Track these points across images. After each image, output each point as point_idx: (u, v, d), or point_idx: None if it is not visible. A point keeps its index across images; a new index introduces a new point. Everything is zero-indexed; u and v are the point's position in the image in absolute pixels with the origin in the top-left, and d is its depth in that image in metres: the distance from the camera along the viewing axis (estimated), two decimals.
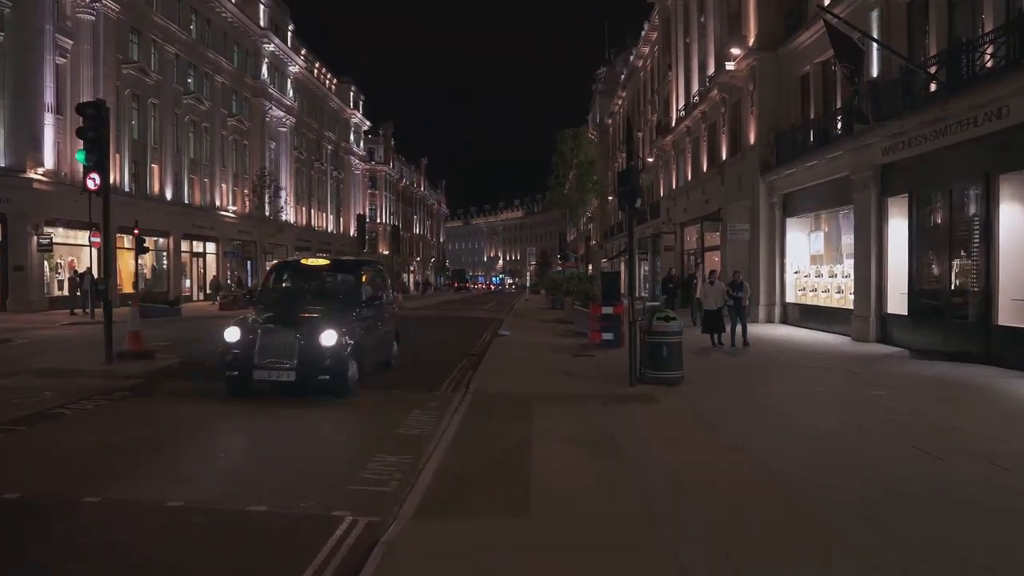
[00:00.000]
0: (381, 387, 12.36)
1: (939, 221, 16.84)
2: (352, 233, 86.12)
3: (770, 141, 26.07)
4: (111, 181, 37.85)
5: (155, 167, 45.15)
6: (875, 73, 18.92)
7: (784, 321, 25.57)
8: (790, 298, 25.66)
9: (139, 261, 44.14)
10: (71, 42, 36.76)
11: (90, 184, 13.76)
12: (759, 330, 23.48)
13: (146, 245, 35.11)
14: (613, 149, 71.36)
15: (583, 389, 12.23)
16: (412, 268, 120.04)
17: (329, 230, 79.48)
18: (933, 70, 16.25)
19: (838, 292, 22.26)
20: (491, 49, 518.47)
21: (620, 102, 70.92)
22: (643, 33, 55.16)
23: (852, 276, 21.03)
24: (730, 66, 28.27)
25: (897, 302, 18.40)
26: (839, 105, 22.01)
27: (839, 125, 21.62)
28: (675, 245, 41.06)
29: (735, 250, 29.94)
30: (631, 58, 62.43)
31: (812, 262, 24.99)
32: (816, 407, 10.66)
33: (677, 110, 40.73)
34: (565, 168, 38.73)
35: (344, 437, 9.53)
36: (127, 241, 41.43)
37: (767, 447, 8.10)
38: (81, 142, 14.78)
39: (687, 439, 8.65)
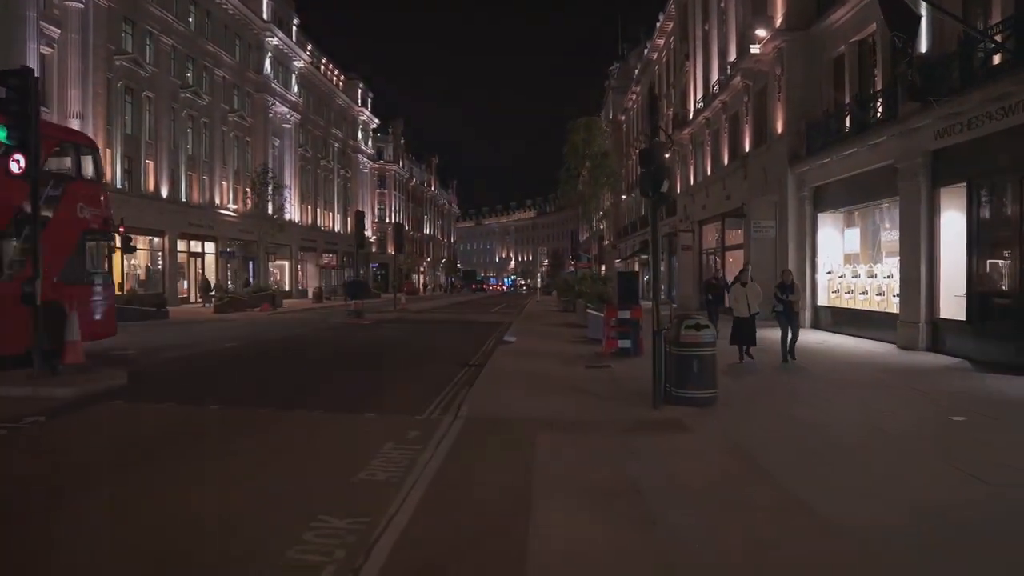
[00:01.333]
0: (356, 410, 10.39)
1: (1008, 213, 14.68)
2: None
3: (800, 130, 23.95)
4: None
5: (150, 163, 43.35)
6: (924, 48, 16.76)
7: (815, 326, 23.44)
8: (822, 300, 23.53)
9: (132, 261, 42.57)
10: (58, 31, 34.94)
11: (13, 167, 11.67)
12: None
13: (133, 244, 33.18)
14: (627, 146, 69.37)
15: (598, 413, 10.21)
16: (422, 269, 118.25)
17: (336, 230, 77.67)
18: (999, 39, 14.11)
19: (878, 294, 20.13)
20: (501, 49, 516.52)
21: (634, 97, 68.82)
22: (658, 24, 53.07)
23: (895, 276, 18.95)
24: (755, 49, 26.15)
25: (952, 306, 16.27)
26: (880, 87, 19.89)
27: (879, 109, 19.49)
28: (693, 244, 38.94)
29: (760, 249, 27.85)
30: (645, 51, 60.39)
31: (846, 261, 22.87)
32: (895, 445, 8.41)
33: (695, 102, 38.62)
34: (577, 160, 36.50)
35: (284, 487, 6.86)
36: (117, 241, 39.63)
37: (853, 511, 5.98)
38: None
39: (735, 493, 6.52)
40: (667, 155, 35.52)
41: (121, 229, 31.31)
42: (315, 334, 25.29)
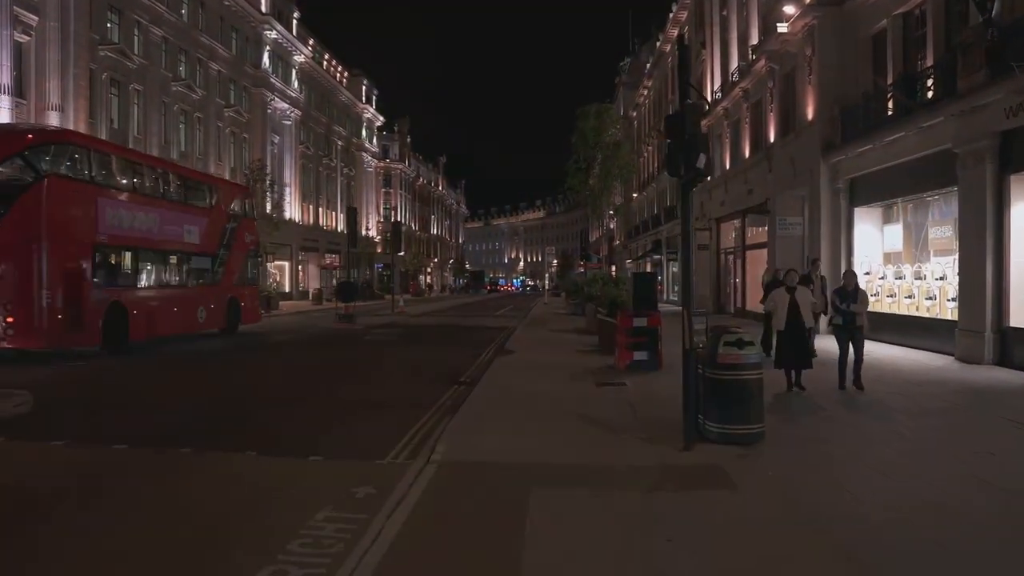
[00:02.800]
0: (299, 450, 8.14)
1: None
2: (366, 232, 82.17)
3: (833, 115, 21.60)
4: None
5: None
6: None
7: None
8: None
9: None
10: (36, 18, 32.84)
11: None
12: (823, 344, 19.05)
13: None
14: (639, 142, 67.06)
15: (612, 453, 7.93)
16: (428, 269, 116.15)
17: (339, 229, 75.38)
18: None
19: (928, 298, 17.78)
20: (509, 48, 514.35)
21: (646, 92, 66.54)
22: (671, 14, 50.89)
23: (949, 278, 16.64)
24: (783, 28, 23.80)
25: None
26: (930, 62, 17.56)
27: (931, 88, 17.14)
28: (710, 243, 36.56)
29: (786, 247, 25.55)
30: (658, 44, 58.15)
31: (886, 261, 20.53)
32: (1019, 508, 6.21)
33: (712, 92, 36.27)
34: (587, 150, 34.00)
35: None
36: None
37: None
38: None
39: None
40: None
41: None
42: (293, 342, 23.05)
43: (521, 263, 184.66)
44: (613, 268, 63.90)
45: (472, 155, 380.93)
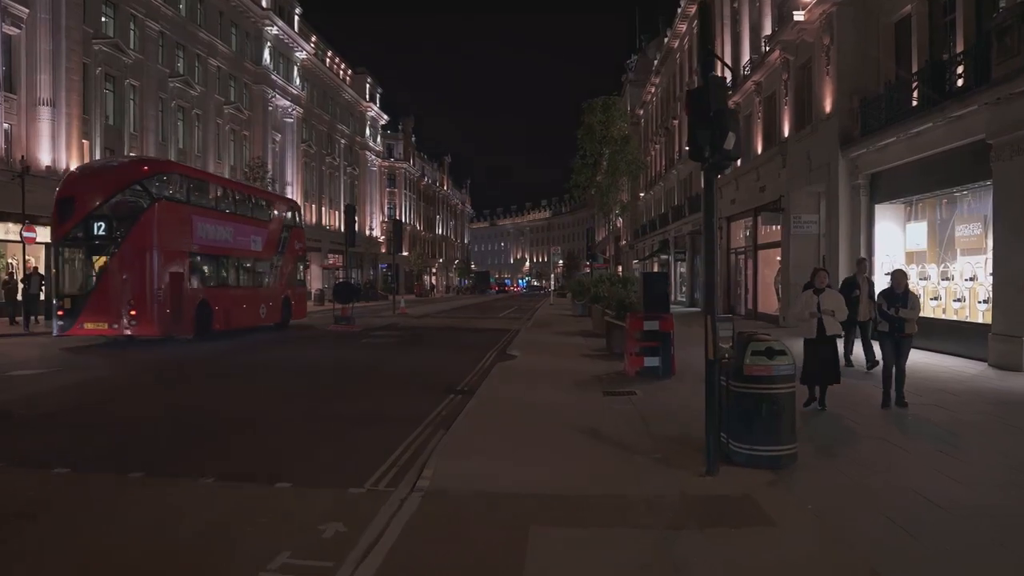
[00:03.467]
0: (267, 475, 7.14)
1: None
2: (369, 232, 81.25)
3: (852, 107, 20.55)
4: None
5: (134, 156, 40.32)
6: None
7: (872, 336, 20.01)
8: None
9: None
10: (26, 10, 31.98)
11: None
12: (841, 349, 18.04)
13: None
14: (646, 141, 66.01)
15: (623, 479, 6.91)
16: (434, 270, 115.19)
17: (342, 229, 74.50)
18: None
19: (956, 300, 16.73)
20: (514, 49, 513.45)
21: (653, 90, 65.53)
22: (679, 8, 49.80)
23: (980, 279, 15.60)
24: (799, 16, 22.75)
25: None
26: (960, 48, 16.50)
27: (961, 76, 16.08)
28: (719, 243, 35.52)
29: (800, 247, 24.55)
30: (665, 40, 57.06)
31: (909, 261, 19.44)
32: None
33: None
34: (593, 145, 32.82)
35: None
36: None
37: None
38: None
39: None
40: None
41: None
42: (283, 346, 22.03)
43: (527, 263, 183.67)
44: (619, 268, 62.94)
45: (477, 155, 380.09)
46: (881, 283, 19.98)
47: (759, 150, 29.11)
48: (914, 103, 17.97)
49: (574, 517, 5.87)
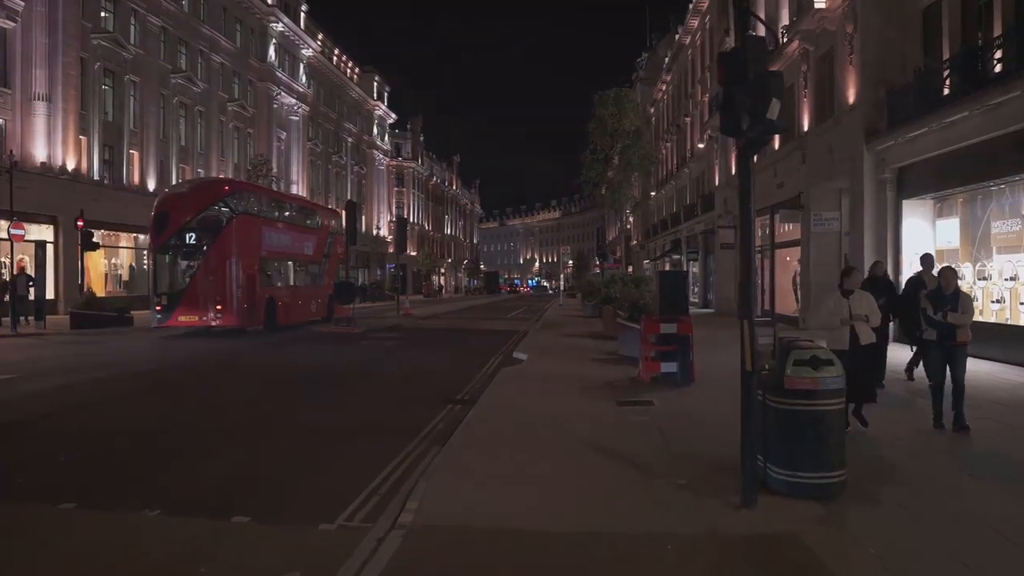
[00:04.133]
0: (222, 507, 6.12)
1: None
2: (376, 232, 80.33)
3: (878, 98, 19.44)
4: (74, 166, 32.37)
5: (135, 153, 39.58)
6: None
7: (900, 340, 18.93)
8: None
9: (113, 260, 38.85)
10: (21, 3, 31.19)
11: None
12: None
13: (97, 241, 29.25)
14: (657, 139, 64.89)
15: (642, 516, 5.84)
16: (442, 270, 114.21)
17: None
18: None
19: (995, 301, 15.63)
20: (523, 48, 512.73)
21: (664, 87, 64.43)
22: (691, 4, 48.62)
23: (1023, 278, 14.50)
24: (820, 3, 21.67)
25: None
26: (998, 32, 15.40)
27: (998, 63, 14.98)
28: (735, 242, 34.39)
29: (821, 245, 23.51)
30: (677, 36, 55.98)
31: (939, 259, 18.27)
32: None
33: None
34: (605, 139, 31.63)
35: None
36: (97, 237, 35.89)
37: None
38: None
39: None
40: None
41: (79, 223, 27.50)
42: (278, 349, 21.02)
43: (536, 264, 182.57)
44: (630, 268, 61.81)
45: (487, 155, 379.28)
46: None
47: (776, 145, 27.96)
48: (945, 91, 16.88)
49: (583, 567, 4.83)
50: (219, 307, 23.75)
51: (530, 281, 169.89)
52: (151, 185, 40.23)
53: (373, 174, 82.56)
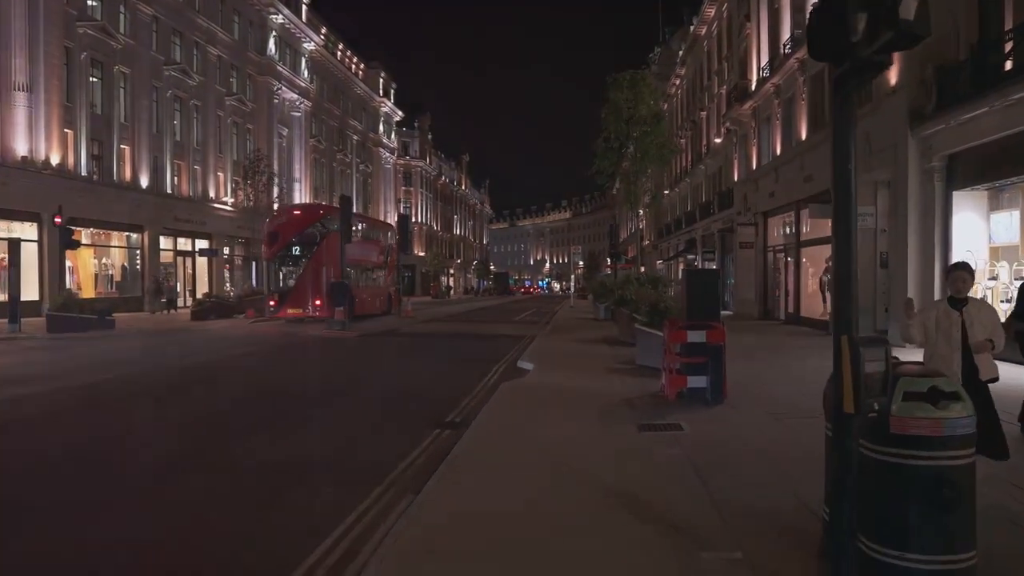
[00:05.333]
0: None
1: None
2: None
3: (925, 77, 17.47)
4: (58, 161, 30.63)
5: (126, 148, 37.88)
6: None
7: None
8: None
9: (104, 260, 37.20)
10: None
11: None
12: (912, 358, 15.05)
13: (76, 239, 27.46)
14: (670, 135, 62.85)
15: None
16: (451, 271, 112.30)
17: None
18: None
19: None
20: (535, 46, 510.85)
21: (678, 82, 62.51)
22: None
23: None
24: None
25: None
26: None
27: None
28: (755, 240, 32.46)
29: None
30: (691, 28, 54.00)
31: (994, 257, 16.40)
32: None
33: (759, 70, 32.14)
34: (619, 126, 29.36)
35: None
36: (86, 236, 34.30)
37: None
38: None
39: None
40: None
41: (57, 220, 25.75)
42: (261, 355, 19.16)
43: (547, 264, 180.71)
44: (642, 269, 59.84)
45: (498, 154, 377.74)
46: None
47: (803, 135, 26.02)
48: (1007, 66, 14.92)
49: None
50: (317, 302, 31.01)
51: (540, 282, 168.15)
52: (143, 181, 38.55)
53: (379, 173, 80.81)
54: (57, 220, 25.56)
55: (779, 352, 17.24)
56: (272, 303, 31.65)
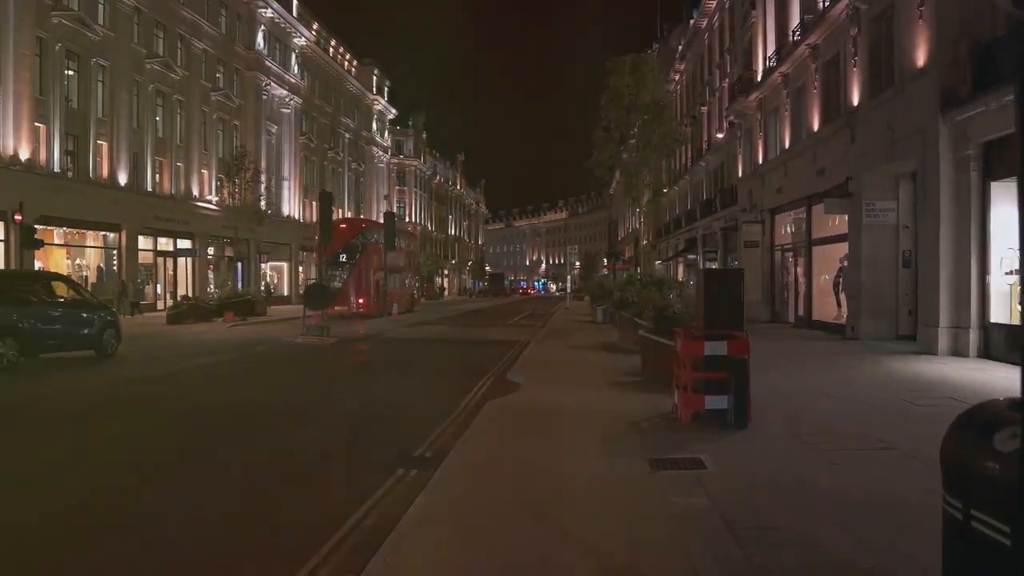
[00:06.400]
0: None
1: None
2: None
3: (959, 56, 15.82)
4: (28, 157, 28.92)
5: (103, 144, 36.23)
6: None
7: (985, 355, 15.37)
8: (997, 316, 15.35)
9: (78, 261, 35.52)
10: None
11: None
12: (948, 370, 13.41)
13: (39, 238, 25.74)
14: (675, 123, 61.18)
15: None
16: (446, 271, 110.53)
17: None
18: None
19: None
20: (531, 47, 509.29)
21: (677, 77, 60.97)
22: None
23: None
24: None
25: None
26: None
27: None
28: (761, 239, 30.82)
29: (874, 241, 20.11)
30: (692, 21, 52.46)
31: None
32: None
33: (766, 59, 30.52)
34: (620, 113, 27.48)
35: None
36: (59, 236, 32.66)
37: None
38: None
39: None
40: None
41: (17, 218, 24.07)
42: (219, 365, 17.30)
43: (543, 265, 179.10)
44: (639, 270, 58.21)
45: (494, 154, 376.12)
46: (999, 288, 15.35)
47: (815, 126, 24.39)
48: None
49: None
50: (361, 301, 37.25)
51: (537, 283, 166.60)
52: (122, 178, 36.87)
53: (372, 171, 79.06)
54: (17, 218, 23.90)
55: (796, 360, 15.58)
56: None
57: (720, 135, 43.27)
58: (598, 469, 7.06)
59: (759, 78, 31.22)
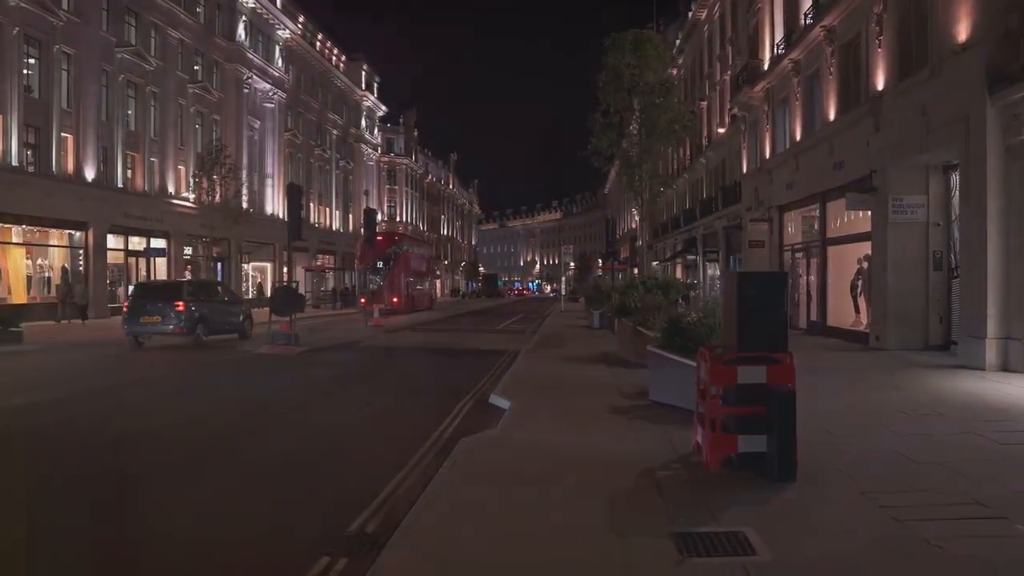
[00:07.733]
0: None
1: None
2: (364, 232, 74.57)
3: (1010, 27, 13.79)
4: None
5: (68, 137, 34.04)
6: None
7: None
8: None
9: (40, 261, 33.37)
10: None
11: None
12: (1010, 391, 11.36)
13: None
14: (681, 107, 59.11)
15: None
16: (438, 272, 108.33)
17: (334, 227, 68.10)
18: None
19: None
20: (526, 44, 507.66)
21: (676, 71, 58.77)
22: None
23: None
24: None
25: None
26: None
27: None
28: (768, 238, 28.76)
29: (902, 241, 18.06)
30: (691, 13, 50.45)
31: None
32: None
33: (773, 46, 28.50)
34: (621, 96, 24.80)
35: None
36: (17, 234, 30.51)
37: None
38: None
39: None
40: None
41: None
42: (152, 382, 15.13)
43: (537, 266, 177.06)
44: (635, 271, 56.19)
45: (487, 153, 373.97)
46: None
47: (831, 115, 22.37)
48: None
49: None
50: (395, 299, 44.27)
51: (531, 284, 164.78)
52: (89, 174, 34.64)
53: (362, 170, 76.80)
54: None
55: (826, 376, 13.38)
56: (363, 300, 38.08)
57: (721, 130, 41.29)
58: (600, 557, 4.97)
59: (766, 66, 29.20)
